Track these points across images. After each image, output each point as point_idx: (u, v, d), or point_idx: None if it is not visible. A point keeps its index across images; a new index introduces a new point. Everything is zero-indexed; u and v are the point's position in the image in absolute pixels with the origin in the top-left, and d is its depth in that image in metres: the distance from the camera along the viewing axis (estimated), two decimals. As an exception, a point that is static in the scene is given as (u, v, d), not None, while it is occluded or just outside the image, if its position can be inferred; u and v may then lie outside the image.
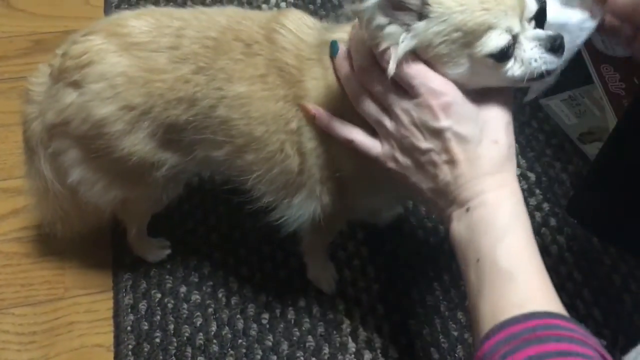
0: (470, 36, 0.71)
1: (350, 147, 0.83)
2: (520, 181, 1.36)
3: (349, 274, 1.24)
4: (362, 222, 1.29)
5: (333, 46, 0.83)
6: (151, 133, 0.93)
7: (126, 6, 1.67)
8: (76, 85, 0.91)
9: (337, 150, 0.88)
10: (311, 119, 0.86)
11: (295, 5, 1.70)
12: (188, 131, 0.93)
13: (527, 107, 1.48)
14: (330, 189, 0.93)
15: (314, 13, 1.68)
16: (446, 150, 0.75)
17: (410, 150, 0.77)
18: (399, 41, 0.72)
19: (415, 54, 0.74)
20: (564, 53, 0.75)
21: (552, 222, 1.31)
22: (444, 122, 0.74)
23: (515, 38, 0.73)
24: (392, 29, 0.71)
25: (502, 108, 0.77)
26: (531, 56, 0.74)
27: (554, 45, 0.74)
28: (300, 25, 0.90)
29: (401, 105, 0.76)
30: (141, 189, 1.02)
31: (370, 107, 0.79)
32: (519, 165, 1.39)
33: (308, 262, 1.20)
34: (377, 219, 1.29)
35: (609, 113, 1.38)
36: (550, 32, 0.75)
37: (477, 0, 0.70)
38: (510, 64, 0.74)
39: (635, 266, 1.25)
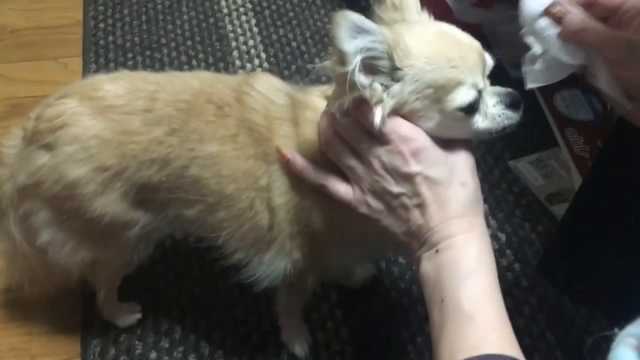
0: (441, 91, 0.76)
1: (322, 191, 0.85)
2: (491, 242, 1.38)
3: (322, 337, 1.23)
4: (336, 283, 1.29)
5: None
6: (124, 193, 0.94)
7: (104, 72, 1.70)
8: (49, 147, 0.92)
9: (306, 204, 0.89)
10: (285, 163, 0.88)
11: (271, 71, 1.75)
12: (161, 191, 0.94)
13: (496, 169, 1.52)
14: (300, 245, 0.94)
15: (288, 78, 1.73)
16: (417, 194, 0.77)
17: (382, 194, 0.80)
18: (382, 98, 0.75)
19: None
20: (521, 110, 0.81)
21: (524, 282, 1.32)
22: (414, 167, 0.77)
23: (480, 93, 0.78)
24: (377, 86, 0.75)
25: (467, 153, 0.81)
26: (495, 112, 0.80)
27: (514, 102, 0.81)
28: (269, 88, 0.93)
29: (373, 152, 0.79)
30: (111, 249, 1.02)
31: (343, 153, 0.82)
32: (489, 226, 1.41)
33: (282, 324, 1.19)
34: (350, 280, 1.29)
35: (575, 175, 1.42)
36: (509, 89, 0.82)
37: (446, 58, 0.76)
38: (477, 117, 0.79)
39: (606, 326, 1.26)
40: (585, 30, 0.74)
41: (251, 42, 1.84)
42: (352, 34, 0.70)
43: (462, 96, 0.76)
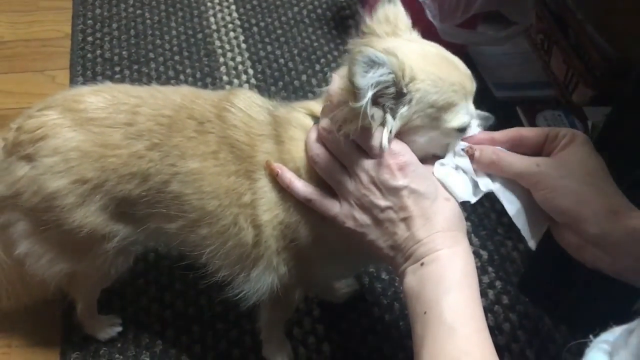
0: (441, 111, 0.80)
1: (309, 206, 0.86)
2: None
3: (304, 352, 1.23)
4: (319, 299, 1.29)
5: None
6: (103, 206, 0.94)
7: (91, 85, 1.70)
8: (29, 158, 0.92)
9: (292, 220, 0.90)
10: (274, 177, 0.88)
11: (258, 87, 1.77)
12: (141, 205, 0.94)
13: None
14: (286, 260, 0.94)
15: (276, 94, 1.74)
16: (403, 207, 0.79)
17: (369, 208, 0.81)
18: (385, 121, 0.78)
19: None
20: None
21: (505, 300, 1.33)
22: (401, 181, 0.79)
23: (471, 116, 0.84)
24: (379, 113, 0.77)
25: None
26: (475, 132, 0.86)
27: (487, 126, 0.87)
28: (250, 104, 0.94)
29: (361, 165, 0.81)
30: (89, 261, 1.01)
31: (331, 168, 0.84)
32: (472, 244, 1.42)
33: (264, 339, 1.18)
34: (333, 296, 1.29)
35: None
36: (487, 114, 0.87)
37: (449, 82, 0.80)
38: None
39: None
40: (497, 162, 0.82)
41: (239, 58, 1.86)
42: (366, 68, 0.72)
43: (460, 118, 0.82)
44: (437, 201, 0.80)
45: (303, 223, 0.89)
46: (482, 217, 1.48)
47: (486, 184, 0.83)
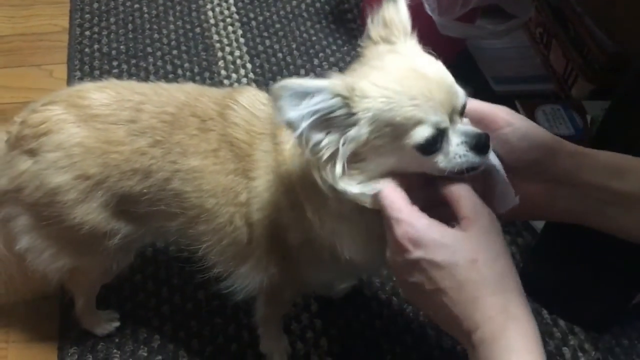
0: (400, 129, 0.72)
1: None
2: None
3: (302, 347, 1.23)
4: (316, 294, 1.29)
5: None
6: (104, 203, 0.94)
7: (89, 79, 1.70)
8: (32, 153, 0.92)
9: (282, 222, 0.89)
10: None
11: (257, 82, 1.76)
12: (142, 202, 0.94)
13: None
14: (276, 260, 0.94)
15: (273, 89, 1.73)
16: (430, 279, 0.71)
17: (403, 283, 0.75)
18: (338, 147, 0.73)
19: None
20: (488, 153, 0.75)
21: (503, 294, 1.33)
22: (415, 253, 0.71)
23: (443, 132, 0.73)
24: (327, 140, 0.72)
25: (478, 216, 0.72)
26: (456, 152, 0.73)
27: (478, 144, 0.73)
28: (253, 102, 0.93)
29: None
30: (90, 257, 1.01)
31: None
32: (470, 238, 1.42)
33: (261, 334, 1.18)
34: (331, 291, 1.29)
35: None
36: (478, 131, 0.75)
37: (408, 97, 0.71)
38: (439, 157, 0.74)
39: (584, 339, 1.27)
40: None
41: (237, 53, 1.85)
42: (294, 101, 0.68)
43: (420, 134, 0.71)
44: (459, 267, 0.69)
45: (293, 226, 0.89)
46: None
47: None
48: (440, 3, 1.57)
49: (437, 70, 0.75)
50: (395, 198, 0.73)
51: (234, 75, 1.78)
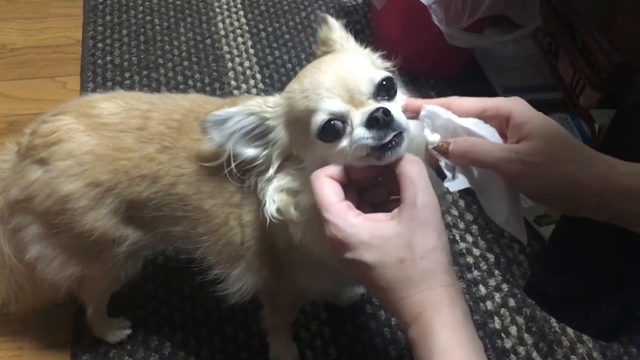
0: (303, 122, 0.76)
1: None
2: (479, 262, 1.40)
3: (311, 355, 1.24)
4: (325, 302, 1.30)
5: None
6: (114, 209, 0.95)
7: (102, 90, 1.71)
8: (42, 162, 0.94)
9: (271, 224, 0.87)
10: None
11: (266, 92, 1.77)
12: (149, 207, 0.96)
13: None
14: (268, 263, 0.95)
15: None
16: (365, 277, 0.72)
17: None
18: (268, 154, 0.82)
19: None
20: (390, 128, 0.72)
21: (511, 302, 1.33)
22: (346, 254, 0.71)
23: (342, 117, 0.73)
24: (258, 151, 0.83)
25: (412, 209, 0.70)
26: (356, 134, 0.72)
27: (370, 120, 0.71)
28: None
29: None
30: (99, 265, 1.02)
31: None
32: (478, 247, 1.43)
33: (270, 341, 1.19)
34: (339, 299, 1.30)
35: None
36: (375, 107, 0.72)
37: (300, 91, 0.77)
38: (344, 143, 0.74)
39: (592, 348, 1.27)
40: (472, 152, 0.74)
41: (247, 63, 1.87)
42: (217, 128, 0.81)
43: (314, 122, 0.74)
44: (386, 268, 0.69)
45: (280, 228, 0.88)
46: (489, 220, 1.48)
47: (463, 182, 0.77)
48: (448, 13, 1.58)
49: (339, 62, 0.79)
50: (324, 192, 0.73)
51: (243, 86, 1.80)
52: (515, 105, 0.76)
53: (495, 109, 0.77)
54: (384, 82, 0.76)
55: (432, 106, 0.77)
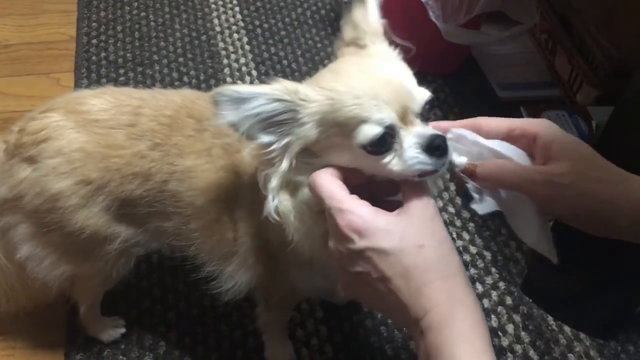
0: (346, 129, 0.72)
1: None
2: (476, 260, 1.39)
3: (307, 354, 1.23)
4: (321, 300, 1.29)
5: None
6: (106, 207, 0.94)
7: (96, 87, 1.69)
8: (31, 160, 0.93)
9: (264, 221, 0.85)
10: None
11: (262, 89, 1.77)
12: (141, 205, 0.94)
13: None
14: (262, 259, 0.94)
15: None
16: (375, 268, 0.70)
17: (346, 274, 0.74)
18: (286, 144, 0.75)
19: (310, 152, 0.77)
20: (446, 157, 0.73)
21: (508, 300, 1.32)
22: (360, 243, 0.70)
23: (392, 132, 0.72)
24: (274, 139, 0.75)
25: (421, 204, 0.72)
26: (408, 155, 0.72)
27: (431, 145, 0.72)
28: None
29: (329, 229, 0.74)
30: (91, 264, 1.01)
31: None
32: (475, 245, 1.42)
33: (266, 341, 1.19)
34: (335, 297, 1.29)
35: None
36: (435, 132, 0.73)
37: (351, 96, 0.72)
38: (389, 158, 0.73)
39: (589, 346, 1.26)
40: (499, 174, 0.74)
41: (243, 60, 1.86)
42: (232, 106, 0.72)
43: (364, 132, 0.71)
44: (405, 252, 0.69)
45: (271, 226, 0.85)
46: (486, 217, 1.47)
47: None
48: (445, 10, 1.57)
49: (389, 71, 0.76)
50: (333, 188, 0.73)
51: (239, 83, 1.79)
52: (541, 126, 0.77)
53: (521, 129, 0.77)
54: (427, 103, 0.75)
55: (458, 129, 0.77)
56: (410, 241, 0.69)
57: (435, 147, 0.72)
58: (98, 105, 0.94)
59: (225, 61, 1.85)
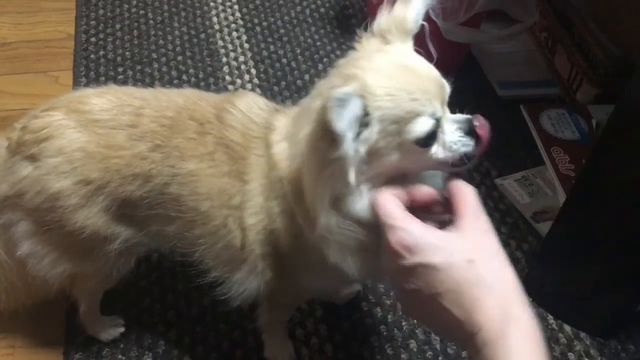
0: (401, 124, 0.73)
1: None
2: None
3: (306, 353, 1.22)
4: (321, 299, 1.29)
5: None
6: (105, 207, 0.94)
7: (95, 85, 1.69)
8: (33, 158, 0.92)
9: (274, 227, 0.88)
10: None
11: (261, 87, 1.76)
12: (142, 207, 0.94)
13: (483, 186, 1.53)
14: (271, 265, 0.94)
15: (278, 94, 1.74)
16: (427, 284, 0.69)
17: (401, 291, 0.74)
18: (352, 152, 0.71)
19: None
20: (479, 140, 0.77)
21: (509, 299, 1.32)
22: (410, 260, 0.70)
23: (438, 122, 0.75)
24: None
25: (472, 219, 0.72)
26: (451, 139, 0.76)
27: (470, 128, 0.76)
28: (251, 106, 0.94)
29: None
30: (91, 263, 1.01)
31: None
32: (475, 244, 1.42)
33: (266, 340, 1.18)
34: (335, 297, 1.29)
35: (561, 193, 1.43)
36: (467, 116, 0.78)
37: (406, 92, 0.73)
38: (435, 148, 0.76)
39: (590, 345, 1.26)
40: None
41: (242, 58, 1.85)
42: (341, 109, 0.67)
43: (420, 126, 0.73)
44: (454, 267, 0.68)
45: (284, 231, 0.88)
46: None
47: None
48: (444, 8, 1.57)
49: (425, 66, 0.78)
50: (389, 205, 0.73)
51: (238, 81, 1.78)
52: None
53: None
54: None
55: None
56: (460, 256, 0.68)
57: (472, 129, 0.76)
58: (100, 104, 0.94)
59: (224, 59, 1.84)
